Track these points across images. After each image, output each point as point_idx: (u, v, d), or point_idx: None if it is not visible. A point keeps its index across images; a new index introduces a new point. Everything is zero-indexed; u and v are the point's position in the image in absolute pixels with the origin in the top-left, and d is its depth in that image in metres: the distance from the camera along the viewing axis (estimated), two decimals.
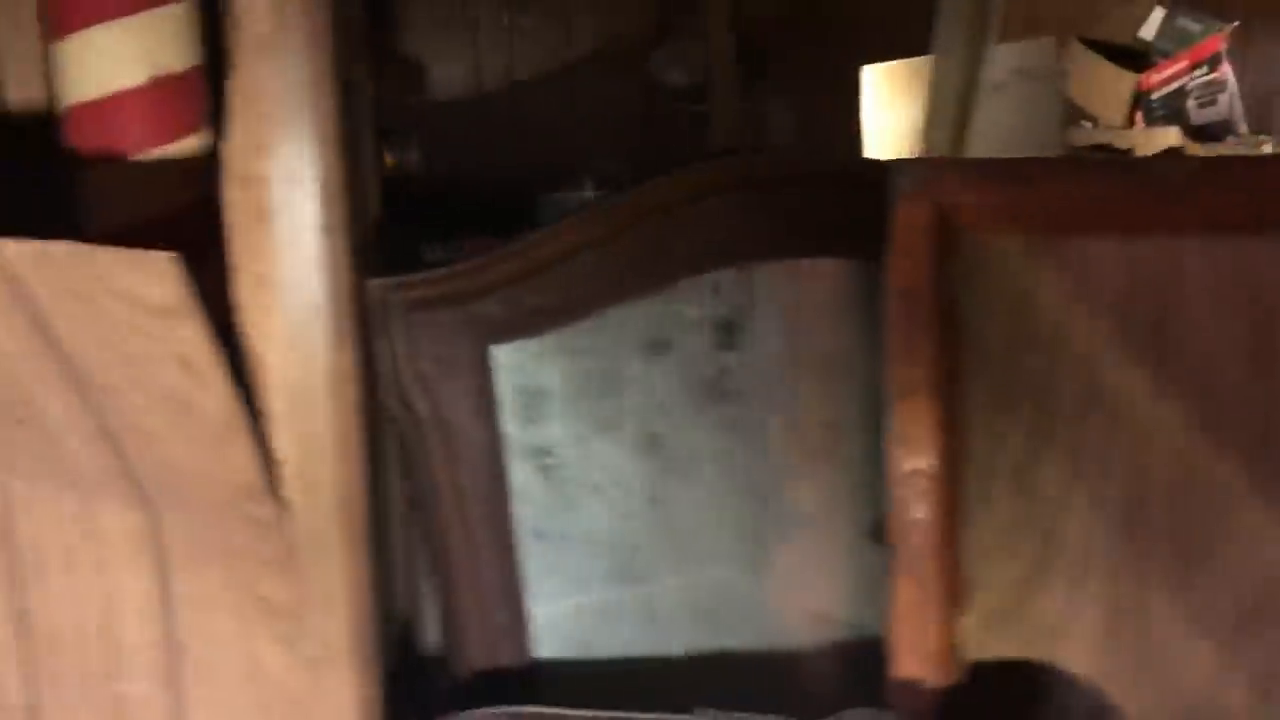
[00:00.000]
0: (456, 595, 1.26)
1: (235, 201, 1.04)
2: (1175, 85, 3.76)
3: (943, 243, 1.26)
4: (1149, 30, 4.10)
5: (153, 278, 0.87)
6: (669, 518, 1.34)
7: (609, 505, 1.33)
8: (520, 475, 1.30)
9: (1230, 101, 3.70)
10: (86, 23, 1.12)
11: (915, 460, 1.27)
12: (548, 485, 1.32)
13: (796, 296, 1.38)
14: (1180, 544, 1.31)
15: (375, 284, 1.20)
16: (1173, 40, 4.02)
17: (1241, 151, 3.37)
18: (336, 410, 1.09)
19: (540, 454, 1.31)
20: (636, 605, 1.35)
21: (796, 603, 1.39)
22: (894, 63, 2.48)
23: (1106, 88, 3.88)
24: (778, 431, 1.38)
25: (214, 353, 0.92)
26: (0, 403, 1.00)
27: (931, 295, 1.26)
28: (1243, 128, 3.62)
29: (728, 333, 1.36)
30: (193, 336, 0.90)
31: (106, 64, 1.13)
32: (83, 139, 1.16)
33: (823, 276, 1.39)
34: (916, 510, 1.28)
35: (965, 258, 1.27)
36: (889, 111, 2.41)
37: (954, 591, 1.29)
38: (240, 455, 1.00)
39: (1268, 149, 3.34)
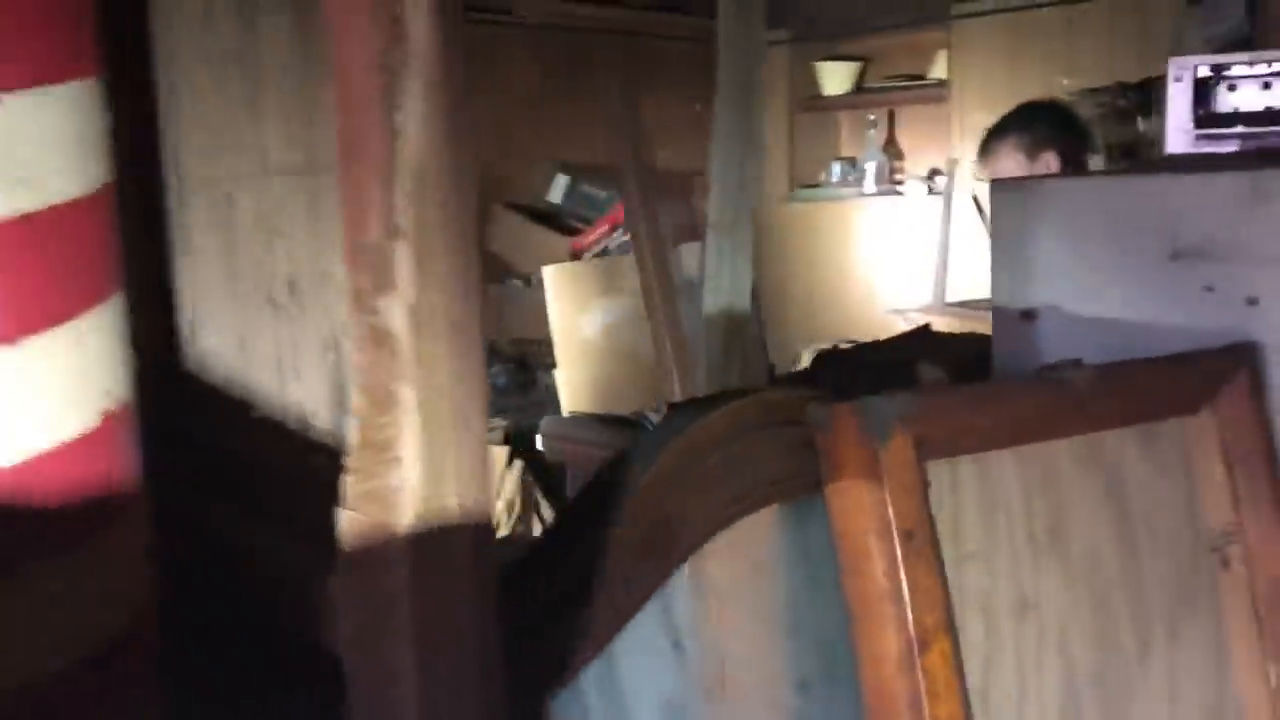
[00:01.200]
0: None
1: None
2: (603, 244, 4.09)
3: (922, 475, 1.20)
4: (556, 194, 4.40)
5: None
6: None
7: None
8: None
9: None
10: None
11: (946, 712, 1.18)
12: None
13: (745, 550, 1.23)
14: None
15: None
16: (579, 204, 4.35)
17: None
18: None
19: None
20: None
21: None
22: (572, 264, 2.34)
23: (540, 248, 4.09)
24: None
25: None
26: None
27: (931, 531, 1.19)
28: None
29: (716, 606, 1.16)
30: None
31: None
32: None
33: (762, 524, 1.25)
34: None
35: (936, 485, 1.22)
36: (577, 313, 2.27)
37: None
38: None
39: None
